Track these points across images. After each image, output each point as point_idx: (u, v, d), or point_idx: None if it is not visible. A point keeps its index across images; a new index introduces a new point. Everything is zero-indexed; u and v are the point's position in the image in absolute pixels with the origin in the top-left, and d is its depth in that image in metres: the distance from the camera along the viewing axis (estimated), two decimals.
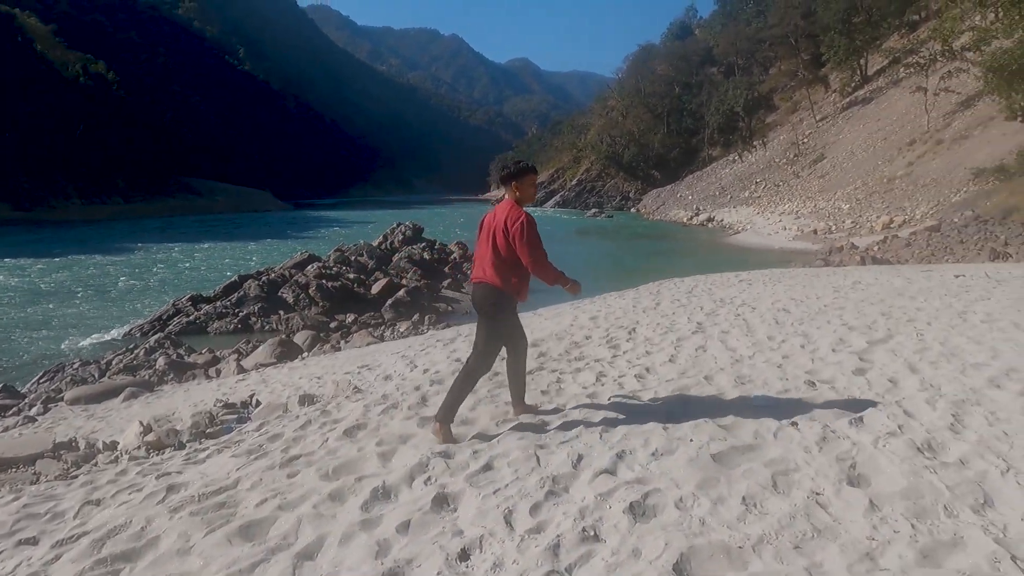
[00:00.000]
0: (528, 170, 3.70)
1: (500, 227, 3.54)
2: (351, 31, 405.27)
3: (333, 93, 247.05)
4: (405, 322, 16.42)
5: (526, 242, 3.46)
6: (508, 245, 3.51)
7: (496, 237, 3.55)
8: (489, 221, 3.67)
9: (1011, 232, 19.38)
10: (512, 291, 3.60)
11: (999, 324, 5.57)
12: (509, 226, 3.50)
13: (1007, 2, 20.62)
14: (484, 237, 3.67)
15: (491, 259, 3.58)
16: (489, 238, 3.60)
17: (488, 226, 3.66)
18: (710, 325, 6.33)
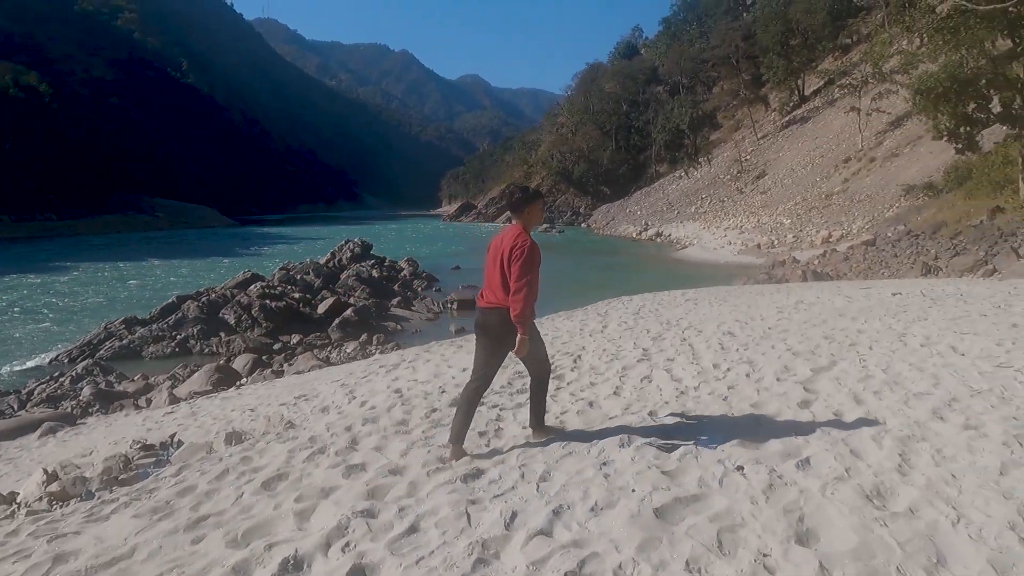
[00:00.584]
0: (528, 198, 3.74)
1: (507, 252, 3.58)
2: (299, 45, 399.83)
3: (281, 107, 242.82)
4: (352, 342, 15.96)
5: (520, 265, 3.52)
6: (508, 268, 3.56)
7: (503, 263, 3.59)
8: (496, 245, 3.72)
9: (940, 246, 20.13)
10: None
11: (938, 347, 5.60)
12: (512, 249, 3.56)
13: (931, 28, 21.58)
14: (492, 262, 3.70)
15: (500, 284, 3.60)
16: (497, 263, 3.64)
17: (496, 251, 3.70)
18: (656, 352, 6.20)
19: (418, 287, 26.28)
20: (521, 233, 3.64)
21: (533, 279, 3.55)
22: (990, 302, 8.35)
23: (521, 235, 3.62)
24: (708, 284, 21.86)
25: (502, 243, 3.65)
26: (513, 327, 3.54)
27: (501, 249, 3.63)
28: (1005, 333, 6.08)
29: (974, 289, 10.29)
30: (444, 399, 5.32)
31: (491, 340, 3.69)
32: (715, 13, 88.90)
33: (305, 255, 33.83)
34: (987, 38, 20.56)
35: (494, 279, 3.64)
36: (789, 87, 63.82)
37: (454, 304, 20.81)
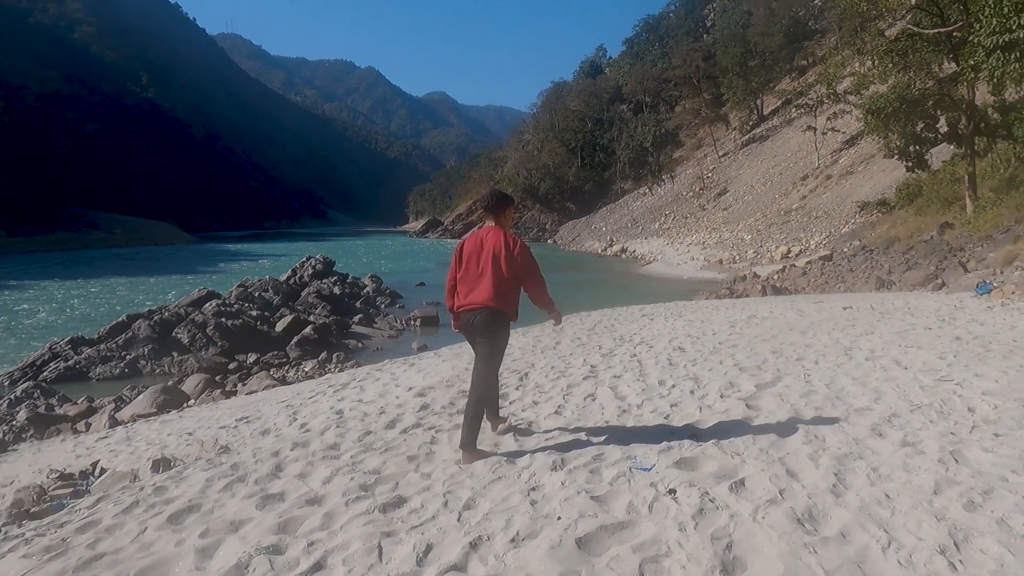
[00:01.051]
0: (509, 201, 4.00)
1: (501, 251, 3.68)
2: (263, 61, 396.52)
3: (245, 123, 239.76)
4: (311, 361, 15.56)
5: (532, 263, 3.75)
6: (510, 268, 3.66)
7: (500, 261, 3.67)
8: (475, 247, 3.77)
9: (893, 261, 20.53)
10: (512, 312, 3.80)
11: (882, 361, 5.58)
12: (513, 249, 3.68)
13: (880, 52, 22.24)
14: (477, 263, 3.74)
15: (493, 283, 3.67)
16: (489, 262, 3.68)
17: (477, 251, 3.75)
18: (604, 368, 6.07)
19: (381, 304, 25.87)
20: (506, 232, 3.79)
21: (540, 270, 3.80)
22: (936, 315, 8.46)
23: (508, 234, 3.77)
24: (670, 299, 21.95)
25: (486, 245, 3.73)
26: (495, 324, 3.71)
27: (490, 250, 3.69)
28: (948, 346, 6.11)
29: (922, 303, 10.45)
30: (382, 420, 5.09)
31: (483, 337, 3.76)
32: (676, 34, 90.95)
33: (267, 272, 33.12)
34: (933, 61, 21.22)
35: (484, 280, 3.69)
36: (748, 107, 65.33)
37: (417, 321, 20.51)
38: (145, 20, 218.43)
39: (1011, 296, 10.26)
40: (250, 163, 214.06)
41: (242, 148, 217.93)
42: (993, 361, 5.32)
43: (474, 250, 3.77)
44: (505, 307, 3.72)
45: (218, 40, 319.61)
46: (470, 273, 3.76)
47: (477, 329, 3.73)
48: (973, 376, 4.80)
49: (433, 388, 6.20)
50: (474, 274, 3.74)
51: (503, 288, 3.69)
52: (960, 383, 4.61)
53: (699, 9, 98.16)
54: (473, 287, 3.73)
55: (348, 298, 25.64)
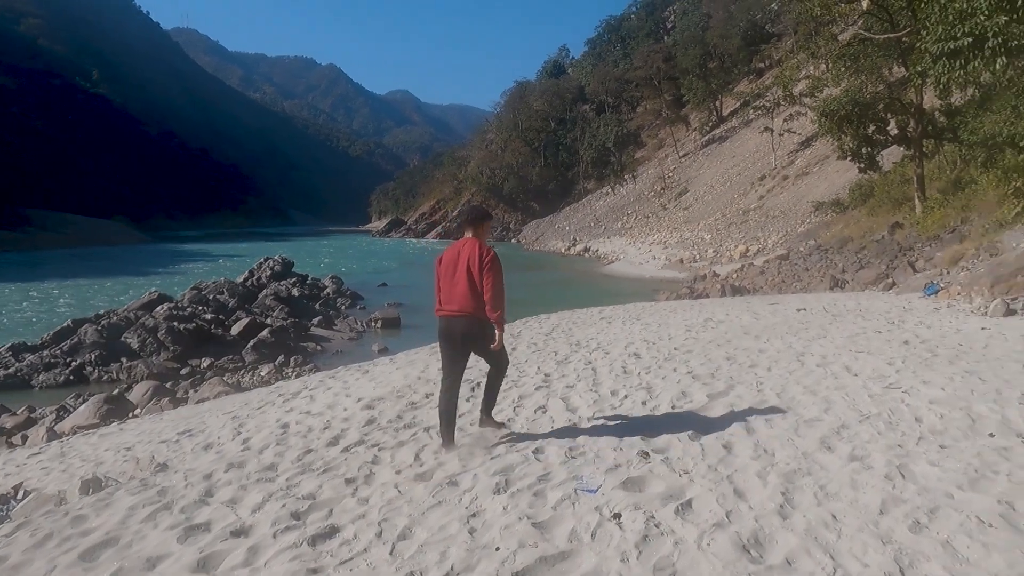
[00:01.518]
0: (488, 216, 4.41)
1: (475, 261, 3.97)
2: (220, 56, 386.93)
3: (201, 119, 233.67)
4: (267, 365, 15.13)
5: (492, 271, 3.95)
6: (480, 276, 3.93)
7: (472, 271, 3.95)
8: (452, 257, 4.06)
9: (847, 260, 20.94)
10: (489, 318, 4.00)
11: (833, 368, 5.59)
12: (484, 260, 3.96)
13: (834, 56, 22.72)
14: (453, 272, 4.01)
15: (468, 292, 3.95)
16: (465, 272, 3.96)
17: (454, 261, 4.03)
18: (558, 377, 5.95)
19: (342, 305, 25.38)
20: (482, 244, 4.05)
21: (502, 286, 4.02)
22: (886, 318, 8.58)
23: (483, 246, 4.03)
24: (632, 299, 22.05)
25: (462, 255, 4.00)
26: (480, 330, 3.98)
27: (466, 261, 3.96)
28: (896, 351, 6.17)
29: (873, 304, 10.64)
30: (325, 436, 4.88)
31: (457, 344, 4.07)
32: (638, 35, 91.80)
33: (224, 272, 32.21)
34: (884, 65, 21.76)
35: (457, 288, 3.96)
36: (708, 108, 66.33)
37: (378, 323, 20.18)
38: (96, 13, 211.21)
39: (956, 297, 10.51)
40: (206, 160, 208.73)
41: (198, 146, 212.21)
42: (939, 367, 5.37)
43: (452, 260, 4.05)
44: (482, 313, 3.96)
45: (173, 35, 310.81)
46: (447, 281, 4.04)
47: (458, 337, 4.02)
48: (920, 383, 4.82)
49: (383, 399, 6.01)
50: (450, 282, 4.01)
51: (477, 296, 3.93)
52: (908, 391, 4.62)
53: (660, 11, 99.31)
54: (450, 295, 3.99)
55: (307, 300, 25.10)
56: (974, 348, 6.04)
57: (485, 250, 4.02)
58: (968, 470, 3.11)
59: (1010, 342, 6.25)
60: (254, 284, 27.49)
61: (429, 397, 5.76)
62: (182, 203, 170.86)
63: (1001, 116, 16.13)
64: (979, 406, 4.10)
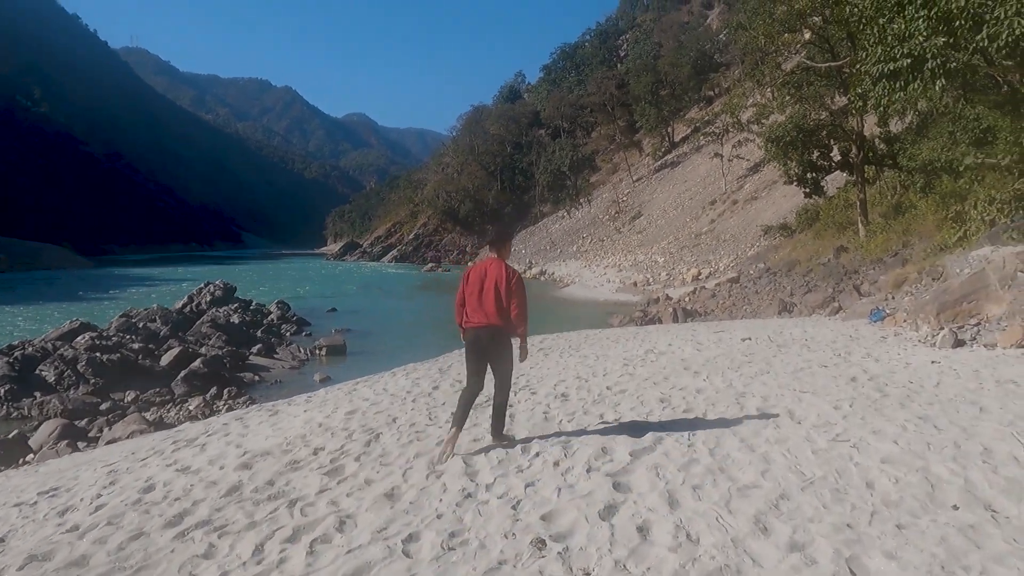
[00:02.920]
0: (510, 236, 4.99)
1: (502, 280, 4.42)
2: (172, 77, 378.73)
3: (151, 142, 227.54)
4: (198, 398, 13.98)
5: (519, 290, 4.44)
6: (508, 294, 4.38)
7: (500, 288, 4.40)
8: (480, 274, 4.53)
9: (795, 283, 21.05)
10: (511, 331, 4.49)
11: (772, 412, 4.99)
12: (511, 280, 4.41)
13: (778, 84, 23.05)
14: (481, 288, 4.46)
15: (495, 306, 4.39)
16: (492, 289, 4.41)
17: (481, 278, 4.48)
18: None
19: (286, 332, 24.04)
20: (509, 266, 4.55)
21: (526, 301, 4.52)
22: (832, 349, 8.12)
23: (510, 268, 4.51)
24: (584, 323, 21.53)
25: (489, 274, 4.46)
26: (501, 342, 4.46)
27: (494, 278, 4.42)
28: (843, 391, 5.63)
29: (819, 332, 10.24)
30: (172, 510, 4.00)
31: (495, 356, 4.51)
32: (591, 62, 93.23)
33: (166, 299, 30.39)
34: (826, 94, 22.11)
35: (485, 303, 4.40)
36: (660, 134, 67.35)
37: (322, 350, 19.03)
38: (39, 30, 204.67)
39: (903, 324, 10.19)
40: (156, 183, 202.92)
41: (147, 168, 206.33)
42: (890, 411, 4.83)
43: (479, 277, 4.49)
44: (506, 326, 4.42)
45: (122, 54, 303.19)
46: (474, 296, 4.45)
47: (486, 346, 4.47)
48: (870, 434, 4.24)
49: (267, 455, 5.15)
50: (477, 298, 4.43)
51: (503, 310, 4.38)
52: (857, 445, 4.02)
53: (613, 39, 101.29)
54: (477, 309, 4.43)
55: (248, 327, 23.75)
56: (925, 387, 5.54)
57: (511, 271, 4.48)
58: (932, 566, 2.48)
59: (962, 379, 5.79)
60: (193, 310, 26.00)
61: (317, 453, 4.94)
62: (129, 226, 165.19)
63: (938, 143, 16.31)
64: (938, 466, 3.52)
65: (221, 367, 16.75)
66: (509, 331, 4.43)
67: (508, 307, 4.36)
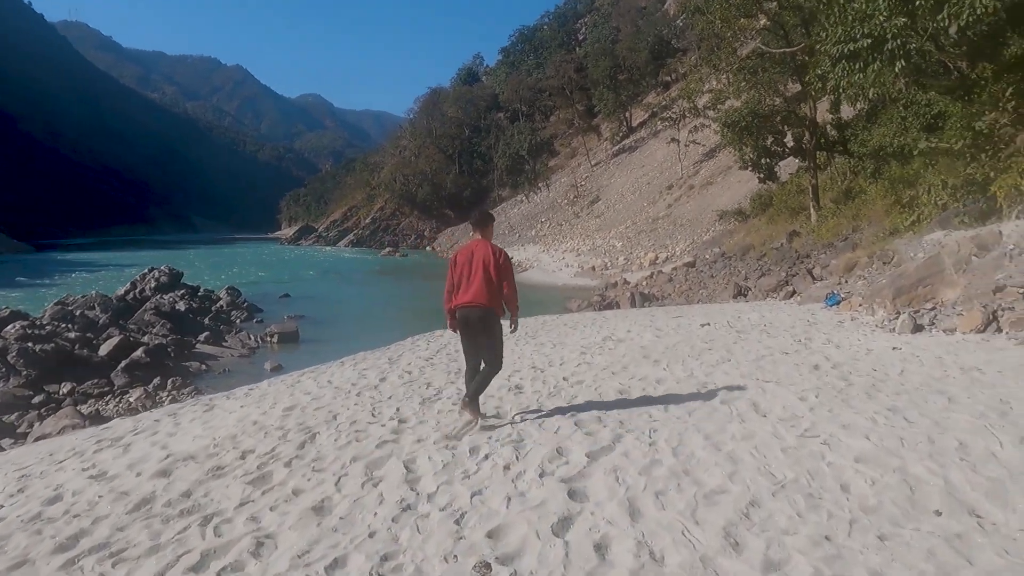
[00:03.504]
0: (492, 218, 5.05)
1: (490, 260, 4.52)
2: (115, 53, 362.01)
3: (93, 121, 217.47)
4: (139, 389, 13.19)
5: (508, 269, 4.60)
6: (497, 273, 4.50)
7: (489, 268, 4.50)
8: (467, 256, 4.61)
9: (749, 267, 21.28)
10: (499, 308, 4.62)
11: (738, 405, 4.71)
12: (498, 258, 4.56)
13: (734, 69, 23.07)
14: (470, 269, 4.54)
15: (486, 287, 4.48)
16: (481, 268, 4.49)
17: (469, 260, 4.57)
18: (415, 424, 4.79)
19: (236, 319, 22.99)
20: (495, 246, 4.63)
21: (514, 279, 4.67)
22: (791, 334, 7.97)
23: (497, 248, 4.62)
24: (544, 308, 21.23)
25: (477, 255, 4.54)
26: (489, 320, 4.54)
27: (481, 259, 4.50)
28: (807, 380, 5.42)
29: (777, 316, 10.14)
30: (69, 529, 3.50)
31: (485, 335, 4.61)
32: (550, 46, 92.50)
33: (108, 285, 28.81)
34: (780, 80, 22.23)
35: (475, 283, 4.48)
36: (618, 118, 67.36)
37: (274, 337, 18.21)
38: None
39: (858, 309, 10.17)
40: (100, 165, 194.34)
41: (90, 148, 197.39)
42: (857, 402, 4.62)
43: (466, 259, 4.57)
44: (494, 304, 4.52)
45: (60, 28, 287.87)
46: (464, 278, 4.54)
47: (475, 326, 4.56)
48: (840, 428, 4.01)
49: (190, 459, 4.65)
50: (467, 279, 4.51)
51: (491, 289, 4.47)
52: (827, 441, 3.78)
53: (571, 23, 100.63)
54: (467, 289, 4.50)
55: (195, 314, 22.68)
56: (890, 375, 5.37)
57: (499, 250, 4.62)
58: None
59: (926, 366, 5.65)
60: (136, 297, 24.73)
61: (246, 456, 4.47)
62: (72, 209, 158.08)
63: (888, 129, 16.50)
64: (915, 465, 3.28)
65: (165, 356, 15.89)
66: (497, 310, 4.54)
67: (499, 286, 4.50)
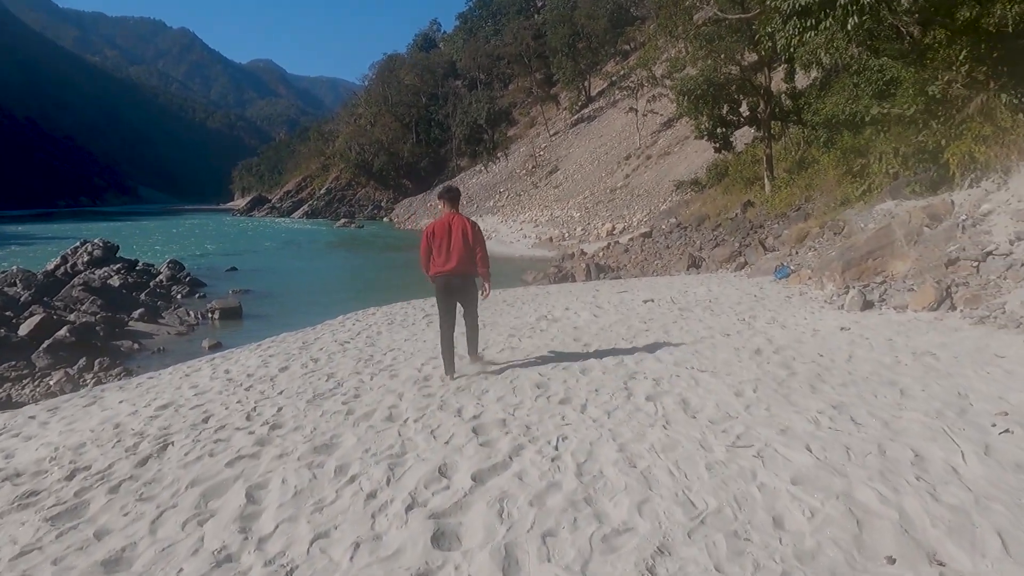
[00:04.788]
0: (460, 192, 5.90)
1: (468, 230, 5.33)
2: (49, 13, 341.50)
3: (27, 85, 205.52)
4: (62, 371, 12.05)
5: (482, 238, 5.46)
6: (474, 242, 5.31)
7: (468, 237, 5.29)
8: (445, 228, 5.34)
9: (703, 237, 21.10)
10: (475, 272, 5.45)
11: (665, 402, 4.10)
12: (474, 229, 5.40)
13: (691, 36, 22.44)
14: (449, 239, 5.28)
15: (466, 255, 5.27)
16: (460, 238, 5.27)
17: (448, 231, 5.31)
18: (275, 441, 3.97)
19: (177, 294, 21.54)
20: (468, 218, 5.47)
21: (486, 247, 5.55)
22: (735, 312, 7.44)
23: (470, 219, 5.46)
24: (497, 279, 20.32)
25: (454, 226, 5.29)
26: (470, 283, 5.43)
27: (459, 229, 5.28)
28: (747, 368, 4.84)
29: (724, 291, 9.64)
30: None
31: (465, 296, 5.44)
32: (508, 11, 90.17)
33: (43, 260, 26.88)
34: (737, 49, 21.71)
35: (455, 251, 5.23)
36: (577, 87, 66.30)
37: (215, 314, 16.96)
38: None
39: (808, 282, 9.75)
40: (35, 132, 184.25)
41: (25, 115, 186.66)
42: (799, 397, 4.04)
43: (444, 231, 5.25)
44: (472, 271, 5.31)
45: None
46: (444, 247, 5.21)
47: (457, 289, 5.31)
48: (778, 435, 3.41)
49: (16, 476, 3.82)
50: (447, 248, 5.20)
51: (470, 257, 5.23)
52: (761, 452, 3.17)
53: None
54: (447, 258, 5.19)
55: (130, 289, 21.17)
56: (837, 362, 4.83)
57: (472, 221, 5.34)
58: None
59: (876, 351, 5.13)
60: (67, 272, 23.05)
61: (73, 476, 3.66)
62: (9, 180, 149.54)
63: (841, 97, 16.14)
64: (863, 489, 2.68)
65: (93, 336, 14.66)
66: (473, 275, 5.29)
67: (475, 252, 5.18)
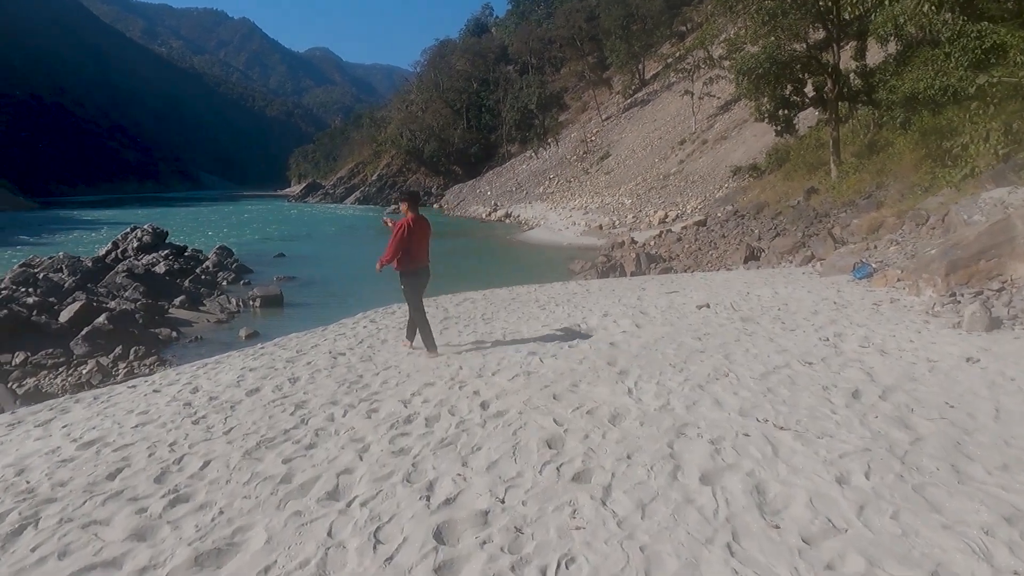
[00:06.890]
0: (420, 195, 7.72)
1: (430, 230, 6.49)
2: (120, 6, 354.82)
3: (100, 77, 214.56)
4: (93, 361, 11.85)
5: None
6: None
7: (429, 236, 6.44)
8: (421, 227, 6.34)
9: (763, 226, 19.95)
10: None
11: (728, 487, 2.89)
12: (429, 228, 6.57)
13: (752, 11, 20.69)
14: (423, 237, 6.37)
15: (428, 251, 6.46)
16: (427, 238, 6.42)
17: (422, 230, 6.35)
18: (160, 530, 2.97)
19: (223, 281, 21.53)
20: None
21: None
22: (813, 326, 6.26)
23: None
24: (543, 270, 19.84)
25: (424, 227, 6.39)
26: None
27: (426, 230, 6.40)
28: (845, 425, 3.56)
29: (794, 293, 8.41)
30: None
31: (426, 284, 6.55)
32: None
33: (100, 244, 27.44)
34: (802, 25, 19.98)
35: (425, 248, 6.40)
36: (631, 70, 64.36)
37: (256, 301, 16.67)
38: None
39: (897, 285, 8.33)
40: (105, 120, 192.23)
41: (96, 104, 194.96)
42: (941, 492, 2.62)
43: (421, 230, 6.30)
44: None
45: None
46: (421, 244, 6.29)
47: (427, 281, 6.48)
48: None
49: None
50: (421, 245, 6.27)
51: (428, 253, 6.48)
52: None
53: None
54: (424, 253, 6.35)
55: (176, 275, 21.15)
56: (979, 419, 3.46)
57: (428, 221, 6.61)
58: None
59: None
60: (118, 257, 23.28)
61: None
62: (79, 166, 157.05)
63: (924, 71, 14.37)
64: None
65: (131, 323, 14.47)
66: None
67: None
